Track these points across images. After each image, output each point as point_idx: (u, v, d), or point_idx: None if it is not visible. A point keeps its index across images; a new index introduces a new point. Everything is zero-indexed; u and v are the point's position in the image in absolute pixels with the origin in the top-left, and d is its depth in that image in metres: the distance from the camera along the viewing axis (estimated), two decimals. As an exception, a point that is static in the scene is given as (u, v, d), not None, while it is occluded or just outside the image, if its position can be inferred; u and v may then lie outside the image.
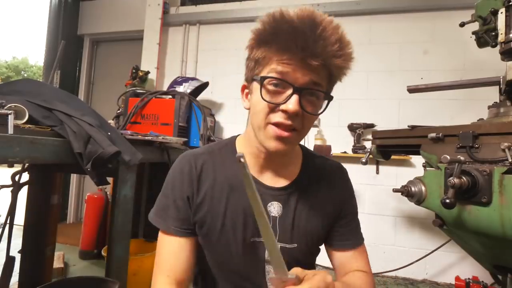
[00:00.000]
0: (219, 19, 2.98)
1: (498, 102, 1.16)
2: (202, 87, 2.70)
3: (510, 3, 1.11)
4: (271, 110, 0.59)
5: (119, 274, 1.16)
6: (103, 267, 1.33)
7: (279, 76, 0.57)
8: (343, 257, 0.71)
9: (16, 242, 1.37)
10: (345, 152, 2.53)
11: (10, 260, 1.33)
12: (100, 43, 3.75)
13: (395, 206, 2.45)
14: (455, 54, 2.40)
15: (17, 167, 1.28)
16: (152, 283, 0.66)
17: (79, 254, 2.47)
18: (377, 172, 2.51)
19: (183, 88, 2.53)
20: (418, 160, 2.34)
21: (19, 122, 0.91)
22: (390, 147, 1.39)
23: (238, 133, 0.77)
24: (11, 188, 1.33)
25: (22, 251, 1.45)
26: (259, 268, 0.68)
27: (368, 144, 2.45)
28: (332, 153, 2.34)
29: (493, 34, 1.21)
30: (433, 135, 1.03)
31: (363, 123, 2.50)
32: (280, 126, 0.58)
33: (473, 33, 1.31)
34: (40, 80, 2.57)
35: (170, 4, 3.13)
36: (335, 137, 2.61)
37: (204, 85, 2.71)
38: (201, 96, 2.76)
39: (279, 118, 0.58)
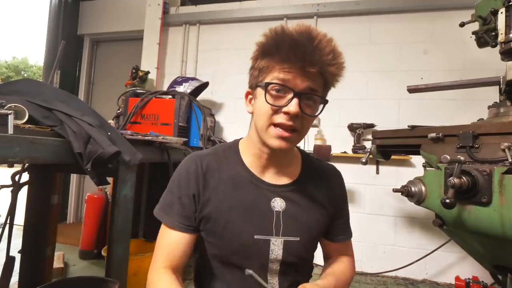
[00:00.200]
0: (219, 19, 2.98)
1: (498, 102, 1.17)
2: (202, 87, 2.70)
3: (510, 3, 1.11)
4: (274, 112, 0.66)
5: (119, 274, 1.16)
6: (103, 267, 1.33)
7: (281, 82, 0.64)
8: (336, 247, 0.84)
9: (16, 242, 1.37)
10: (345, 152, 2.53)
11: (10, 260, 1.33)
12: (100, 43, 3.74)
13: (395, 206, 2.45)
14: (455, 54, 2.40)
15: (17, 167, 1.29)
16: (149, 269, 0.71)
17: (79, 254, 2.47)
18: (377, 172, 2.50)
19: (183, 88, 2.53)
20: (418, 160, 2.34)
21: (19, 122, 0.91)
22: (390, 147, 1.39)
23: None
24: (11, 188, 1.33)
25: (22, 251, 1.45)
26: (261, 265, 0.71)
27: (368, 144, 2.45)
28: (332, 153, 2.33)
29: (493, 34, 1.21)
30: (433, 135, 1.04)
31: (363, 123, 2.49)
32: (282, 126, 0.65)
33: (473, 33, 1.32)
34: (40, 80, 2.57)
35: (170, 4, 3.13)
36: (335, 137, 2.60)
37: (204, 85, 2.71)
38: (201, 96, 2.76)
39: (281, 119, 0.65)
